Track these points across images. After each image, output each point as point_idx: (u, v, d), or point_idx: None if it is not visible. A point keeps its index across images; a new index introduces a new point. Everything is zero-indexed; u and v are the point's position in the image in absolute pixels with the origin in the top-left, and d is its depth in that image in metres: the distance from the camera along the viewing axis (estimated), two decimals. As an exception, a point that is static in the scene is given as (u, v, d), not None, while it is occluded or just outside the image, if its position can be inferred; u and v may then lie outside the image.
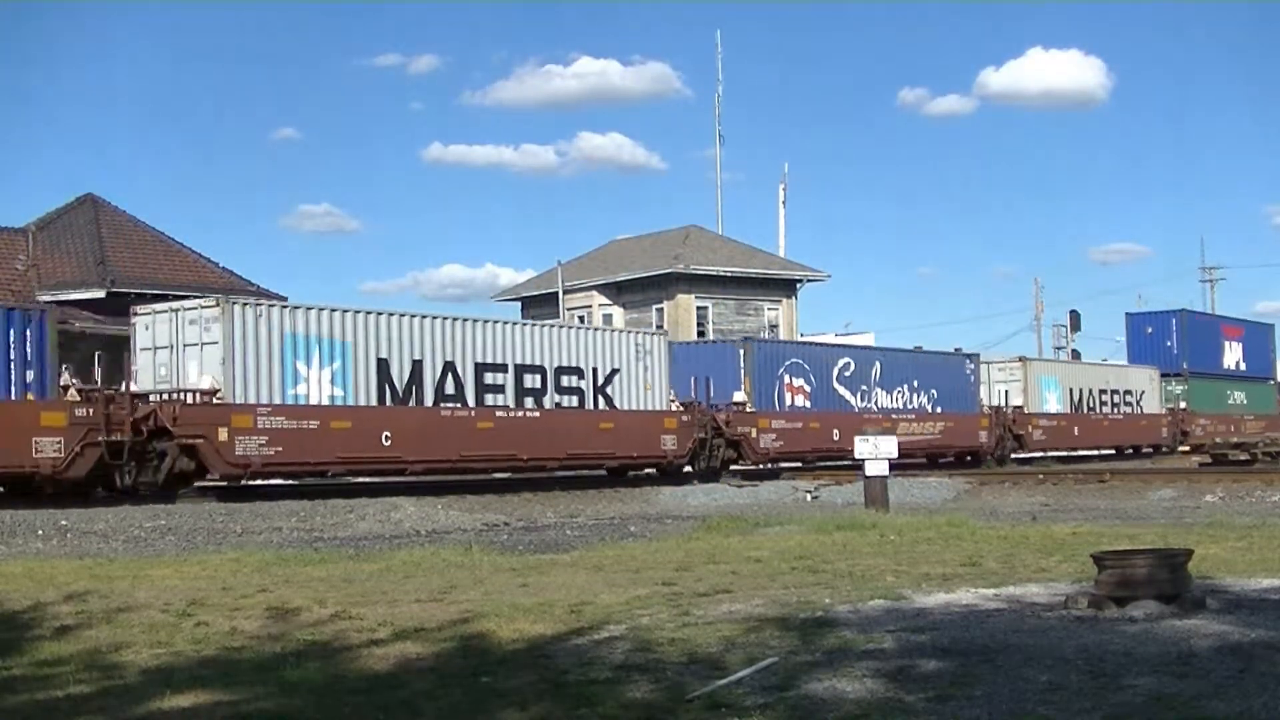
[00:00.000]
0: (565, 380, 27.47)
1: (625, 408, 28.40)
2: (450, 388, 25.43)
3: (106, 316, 33.19)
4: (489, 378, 26.07)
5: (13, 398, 20.29)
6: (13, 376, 20.35)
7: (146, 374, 23.08)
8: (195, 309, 22.98)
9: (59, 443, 20.41)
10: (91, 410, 20.88)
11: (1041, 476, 30.43)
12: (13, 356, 20.35)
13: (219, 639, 8.08)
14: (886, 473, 21.01)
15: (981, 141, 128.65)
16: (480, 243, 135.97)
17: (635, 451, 28.72)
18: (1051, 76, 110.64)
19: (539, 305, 55.03)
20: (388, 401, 24.44)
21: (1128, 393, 46.69)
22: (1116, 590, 8.06)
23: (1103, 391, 45.19)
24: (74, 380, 21.85)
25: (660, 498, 27.27)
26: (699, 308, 50.64)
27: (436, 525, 21.08)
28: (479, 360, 25.92)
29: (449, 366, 25.42)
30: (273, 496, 23.31)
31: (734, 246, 55.03)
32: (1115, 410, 45.72)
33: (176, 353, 22.82)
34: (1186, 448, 43.86)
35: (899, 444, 33.34)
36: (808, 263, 55.77)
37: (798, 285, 54.04)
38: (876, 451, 20.79)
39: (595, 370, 27.99)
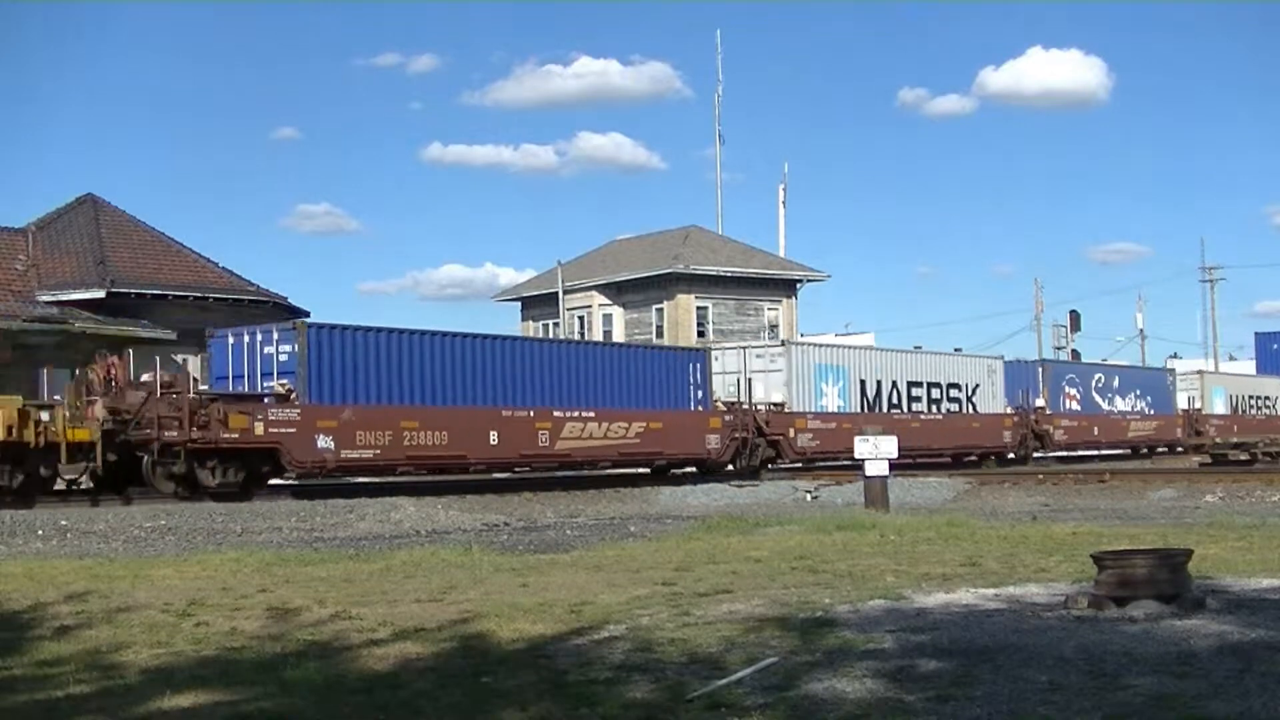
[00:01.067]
0: (953, 393, 39.40)
1: (983, 411, 40.14)
2: (895, 398, 37.25)
3: (106, 316, 33.20)
4: (914, 391, 38.03)
5: (692, 410, 30.84)
6: (692, 396, 30.89)
7: (718, 391, 32.25)
8: (762, 346, 35.63)
9: (718, 438, 31.10)
10: (732, 417, 31.42)
11: (1041, 476, 30.45)
12: (690, 382, 30.93)
13: (219, 639, 8.07)
14: (886, 473, 20.95)
15: (981, 141, 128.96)
16: (480, 243, 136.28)
17: (987, 443, 40.68)
18: (1051, 76, 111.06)
19: (539, 305, 55.04)
20: (865, 410, 35.37)
21: (1266, 398, 58.63)
22: (1116, 590, 8.04)
23: (1251, 397, 57.13)
24: (721, 396, 32.16)
25: (660, 498, 27.36)
26: (699, 308, 50.67)
27: (436, 525, 21.07)
28: (909, 379, 37.89)
29: (894, 384, 37.23)
30: (272, 497, 23.41)
31: (734, 246, 55.03)
32: (1259, 412, 57.33)
33: (743, 376, 33.42)
34: None
35: (1132, 438, 48.51)
36: (808, 263, 55.91)
37: (798, 285, 54.08)
38: (876, 451, 20.71)
39: (967, 384, 39.86)
